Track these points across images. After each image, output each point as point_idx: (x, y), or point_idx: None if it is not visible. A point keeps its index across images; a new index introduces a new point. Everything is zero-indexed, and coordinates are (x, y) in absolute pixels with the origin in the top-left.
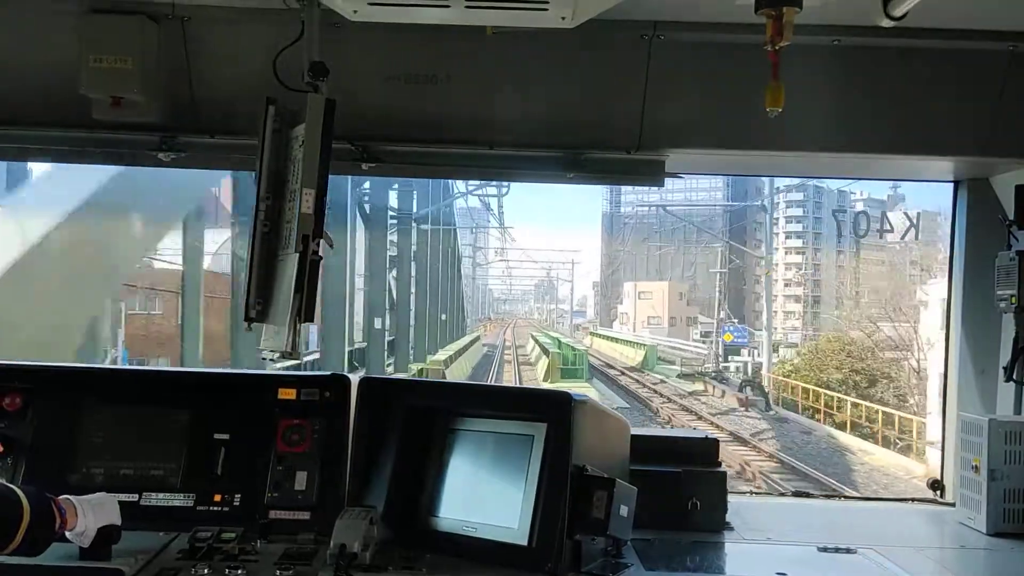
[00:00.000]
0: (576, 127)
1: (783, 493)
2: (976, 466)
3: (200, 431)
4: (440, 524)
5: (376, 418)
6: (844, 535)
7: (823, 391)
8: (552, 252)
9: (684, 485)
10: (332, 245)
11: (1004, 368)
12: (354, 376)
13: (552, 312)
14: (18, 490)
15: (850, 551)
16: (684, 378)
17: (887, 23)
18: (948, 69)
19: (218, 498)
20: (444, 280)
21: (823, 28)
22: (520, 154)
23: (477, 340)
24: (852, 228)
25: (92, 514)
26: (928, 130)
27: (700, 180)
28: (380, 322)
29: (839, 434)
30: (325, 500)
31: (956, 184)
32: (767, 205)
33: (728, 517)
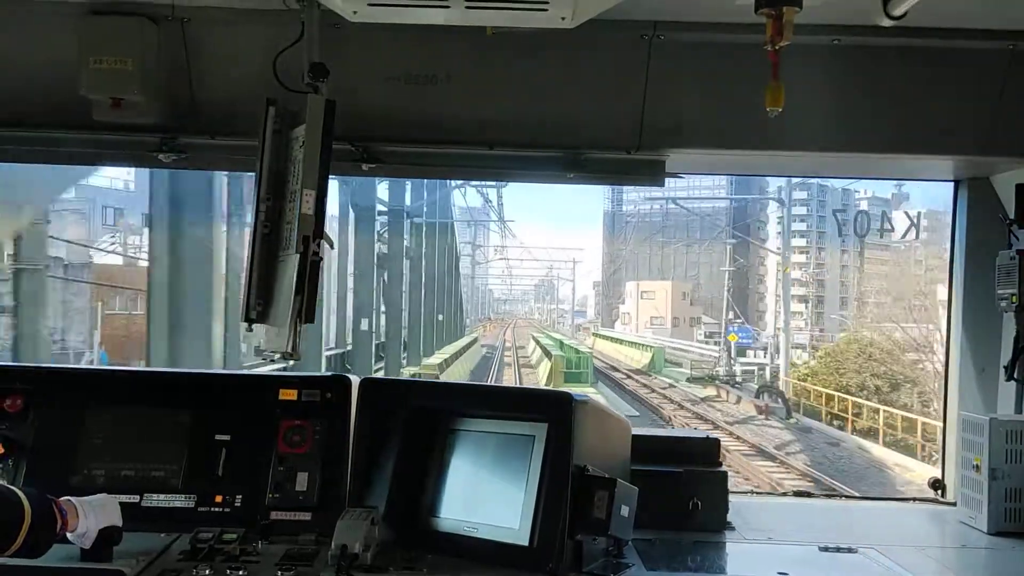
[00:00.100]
0: (576, 127)
1: (784, 493)
2: (977, 465)
3: (201, 432)
4: (441, 524)
5: (377, 419)
6: (845, 535)
7: (850, 398)
8: (553, 251)
9: (685, 485)
10: (333, 246)
11: (1005, 367)
12: (355, 377)
13: (552, 312)
14: (19, 492)
15: (851, 551)
16: (694, 382)
17: (887, 22)
18: (948, 68)
19: (219, 499)
20: (441, 279)
21: (823, 28)
22: (520, 154)
23: (476, 341)
24: (853, 228)
25: (93, 515)
26: (928, 129)
27: (703, 179)
28: (367, 323)
29: (870, 445)
30: (326, 501)
31: (956, 183)
32: (784, 198)
33: (729, 517)
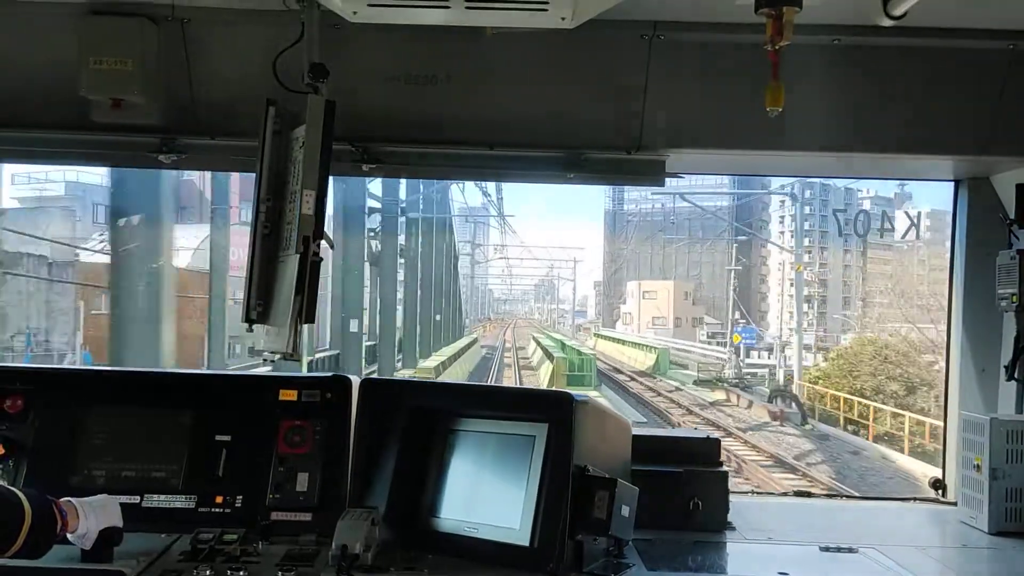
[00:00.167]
0: (576, 127)
1: (784, 492)
2: (978, 465)
3: (201, 432)
4: (442, 525)
5: (377, 419)
6: (846, 535)
7: (871, 403)
8: (553, 249)
9: (686, 485)
10: (333, 246)
11: (1005, 367)
12: (355, 377)
13: (553, 312)
14: (19, 493)
15: (852, 551)
16: (702, 385)
17: (887, 22)
18: (948, 68)
19: (220, 500)
20: (439, 278)
21: (823, 28)
22: (520, 154)
23: (475, 342)
24: (853, 227)
25: (94, 516)
26: (928, 129)
27: (706, 179)
28: (356, 324)
29: (895, 454)
30: (327, 501)
31: (957, 183)
32: (796, 193)
33: (730, 517)
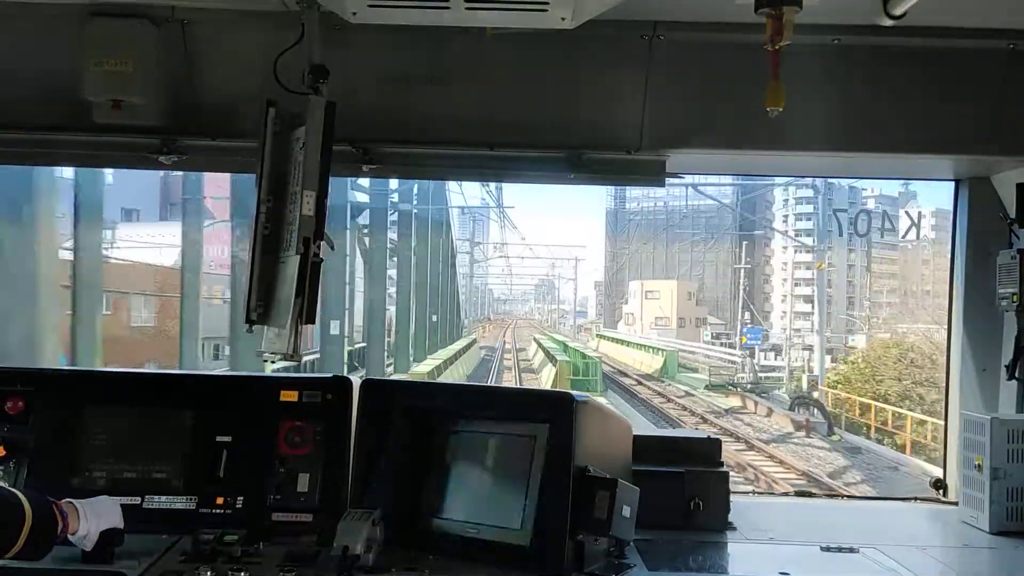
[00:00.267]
0: (576, 127)
1: (785, 492)
2: (979, 465)
3: (202, 433)
4: (443, 525)
5: (378, 420)
6: (847, 534)
7: (909, 413)
8: (555, 247)
9: (686, 485)
10: (333, 247)
11: (1006, 367)
12: (356, 378)
13: (553, 312)
14: (20, 494)
15: (853, 550)
16: (714, 390)
17: (887, 22)
18: (948, 68)
19: (220, 501)
20: (435, 276)
21: (823, 27)
22: (521, 155)
23: (473, 344)
24: (854, 227)
25: (94, 517)
26: (928, 129)
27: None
28: (337, 326)
29: (935, 470)
30: (327, 502)
31: (957, 183)
32: (819, 185)
33: (730, 517)
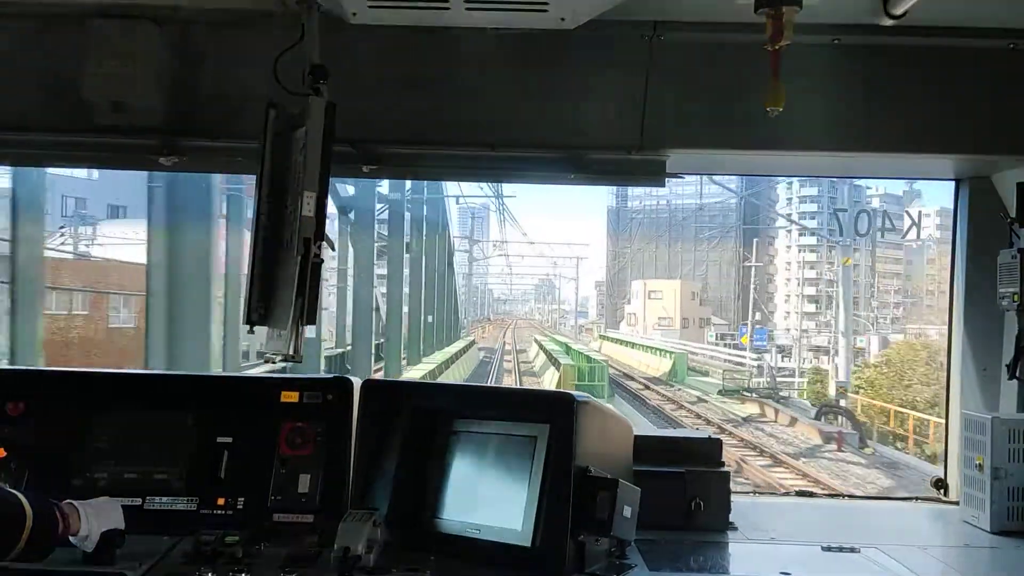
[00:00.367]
0: (577, 127)
1: (786, 492)
2: (980, 464)
3: (203, 434)
4: (443, 526)
5: (379, 420)
6: (848, 534)
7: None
8: (556, 246)
9: (687, 485)
10: (334, 248)
11: (1007, 366)
12: (356, 379)
13: (554, 312)
14: (20, 495)
15: (854, 550)
16: (728, 395)
17: (887, 22)
18: (948, 67)
19: (221, 502)
20: (431, 275)
21: (823, 27)
22: (521, 155)
23: (472, 345)
24: (853, 227)
25: (95, 518)
26: (929, 128)
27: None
28: (314, 330)
29: None
30: (328, 503)
31: (957, 182)
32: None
33: (731, 517)
